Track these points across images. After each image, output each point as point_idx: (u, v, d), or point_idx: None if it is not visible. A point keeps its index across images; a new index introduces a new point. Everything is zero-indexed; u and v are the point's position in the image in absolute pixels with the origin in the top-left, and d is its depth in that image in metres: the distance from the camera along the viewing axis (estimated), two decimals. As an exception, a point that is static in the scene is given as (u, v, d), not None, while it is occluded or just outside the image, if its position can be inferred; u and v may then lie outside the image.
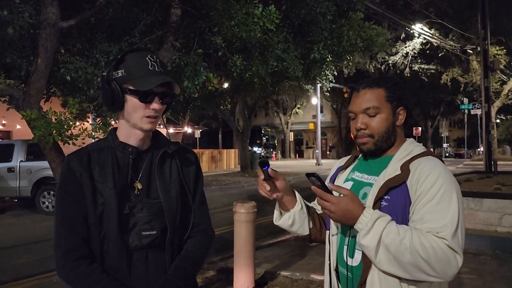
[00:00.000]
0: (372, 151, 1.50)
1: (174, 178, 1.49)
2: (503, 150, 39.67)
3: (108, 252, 1.37)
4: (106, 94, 1.41)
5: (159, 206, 1.43)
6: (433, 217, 1.28)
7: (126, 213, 1.38)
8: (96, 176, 1.39)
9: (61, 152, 2.99)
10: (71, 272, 1.34)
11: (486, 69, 13.78)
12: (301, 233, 1.59)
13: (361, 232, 1.29)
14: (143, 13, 3.33)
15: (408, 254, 1.23)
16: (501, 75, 21.88)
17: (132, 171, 1.43)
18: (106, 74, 1.40)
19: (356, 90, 1.50)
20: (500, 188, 7.42)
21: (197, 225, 1.54)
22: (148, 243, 1.41)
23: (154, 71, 1.40)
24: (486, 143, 13.49)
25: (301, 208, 1.56)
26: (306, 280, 4.80)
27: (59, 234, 1.37)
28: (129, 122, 1.43)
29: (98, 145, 1.47)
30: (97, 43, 3.08)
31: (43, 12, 2.60)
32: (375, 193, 1.37)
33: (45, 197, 10.54)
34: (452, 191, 1.32)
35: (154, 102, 1.40)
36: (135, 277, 1.39)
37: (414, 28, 18.80)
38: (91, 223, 1.36)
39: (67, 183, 1.39)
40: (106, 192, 1.37)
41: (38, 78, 2.67)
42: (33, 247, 7.09)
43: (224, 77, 4.59)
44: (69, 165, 1.40)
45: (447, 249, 1.24)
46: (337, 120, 39.71)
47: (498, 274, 4.99)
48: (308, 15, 3.63)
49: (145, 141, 1.48)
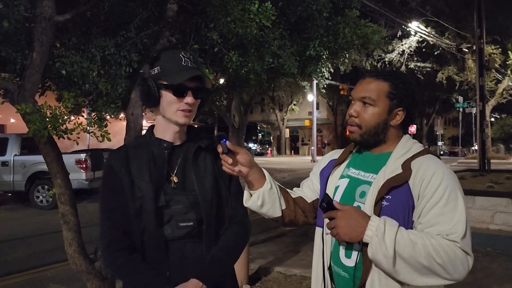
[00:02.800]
0: (357, 142, 1.47)
1: (209, 171, 1.54)
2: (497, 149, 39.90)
3: (147, 243, 1.44)
4: (143, 91, 1.48)
5: (194, 198, 1.48)
6: (442, 220, 1.26)
7: (163, 206, 1.45)
8: (134, 171, 1.46)
9: (55, 146, 2.99)
10: (112, 261, 1.44)
11: (481, 68, 13.86)
12: (272, 215, 1.52)
13: (373, 241, 1.24)
14: (140, 8, 3.32)
15: (423, 259, 1.21)
16: (496, 74, 22.00)
17: (168, 165, 1.50)
18: (142, 72, 1.48)
19: (363, 77, 1.48)
20: (492, 186, 7.50)
21: (233, 217, 1.58)
22: (185, 234, 1.46)
23: (187, 66, 1.47)
24: (480, 142, 13.59)
25: (270, 187, 1.49)
26: (300, 276, 4.83)
27: (102, 227, 1.46)
28: (164, 117, 1.50)
29: (136, 142, 1.58)
30: (93, 37, 3.07)
31: (38, 5, 2.59)
32: (375, 193, 1.33)
33: (39, 192, 10.50)
34: (457, 191, 1.31)
35: (188, 96, 1.46)
36: (173, 266, 1.45)
37: (411, 26, 18.84)
38: (131, 216, 1.44)
39: (108, 179, 1.48)
40: (143, 186, 1.44)
41: (33, 72, 2.66)
42: (27, 242, 7.09)
43: (220, 73, 4.59)
44: (110, 162, 1.49)
45: (459, 252, 1.23)
46: (333, 117, 39.81)
47: (489, 270, 5.06)
48: (304, 12, 3.64)
49: (180, 135, 1.55)
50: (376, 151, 1.46)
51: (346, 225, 1.27)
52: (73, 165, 9.91)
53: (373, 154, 1.47)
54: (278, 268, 5.08)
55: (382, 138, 1.44)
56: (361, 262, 1.33)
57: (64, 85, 3.13)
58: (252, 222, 1.72)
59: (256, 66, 3.56)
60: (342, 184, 1.47)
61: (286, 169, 21.13)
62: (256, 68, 3.58)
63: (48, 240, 6.96)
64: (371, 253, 1.26)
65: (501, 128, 42.56)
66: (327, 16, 3.74)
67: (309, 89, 23.14)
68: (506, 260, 5.46)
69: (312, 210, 1.60)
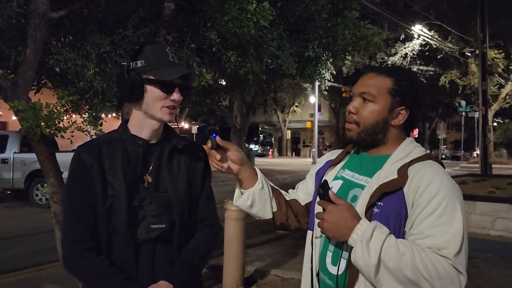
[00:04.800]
0: (354, 141, 1.38)
1: (183, 173, 1.49)
2: (499, 154, 39.72)
3: (115, 244, 1.38)
4: (125, 84, 1.40)
5: (167, 199, 1.44)
6: (435, 232, 1.16)
7: (135, 206, 1.39)
8: (107, 168, 1.39)
9: (49, 144, 2.96)
10: (77, 263, 1.35)
11: (484, 72, 13.79)
12: (263, 216, 1.46)
13: (356, 246, 1.16)
14: (137, 6, 3.29)
15: (409, 272, 1.12)
16: (499, 78, 21.92)
17: (142, 164, 1.44)
18: (125, 64, 1.40)
19: (365, 71, 1.38)
20: (494, 192, 7.43)
21: (203, 220, 1.54)
22: (156, 236, 1.41)
23: (174, 62, 1.43)
24: (482, 146, 13.50)
25: (262, 187, 1.43)
26: (297, 280, 4.78)
27: (67, 225, 1.38)
28: (146, 113, 1.43)
29: (108, 136, 1.48)
30: (89, 35, 3.04)
31: (32, 2, 2.57)
32: (367, 199, 1.24)
33: (38, 190, 10.46)
34: (455, 203, 1.19)
35: (175, 92, 1.42)
36: (142, 270, 1.39)
37: (414, 29, 18.79)
38: (99, 215, 1.36)
39: (77, 174, 1.39)
40: (116, 184, 1.37)
41: (27, 69, 2.63)
42: (25, 240, 7.05)
43: (219, 73, 4.56)
44: (79, 156, 1.40)
45: (450, 269, 1.13)
46: (335, 119, 39.74)
47: (489, 277, 4.99)
48: (304, 13, 3.60)
49: (157, 133, 1.48)
50: (374, 152, 1.37)
51: (332, 222, 1.19)
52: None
53: (370, 156, 1.38)
54: (275, 271, 5.02)
55: (381, 139, 1.34)
56: (347, 270, 1.25)
57: (59, 82, 3.11)
58: (251, 224, 1.68)
59: (254, 66, 3.54)
60: (335, 186, 1.39)
61: (287, 170, 21.08)
62: (255, 69, 3.55)
63: (46, 239, 6.91)
64: (353, 258, 1.18)
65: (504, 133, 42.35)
66: (326, 17, 3.71)
67: (311, 91, 23.10)
68: (507, 267, 5.39)
69: (306, 214, 1.53)
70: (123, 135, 1.46)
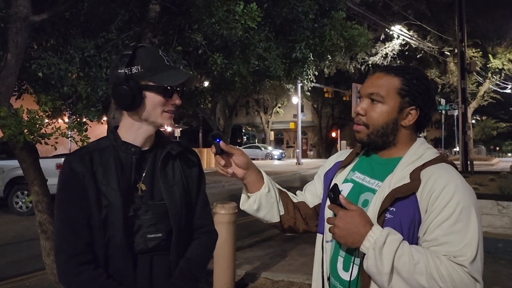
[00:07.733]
0: (364, 143, 1.34)
1: (177, 179, 1.45)
2: (478, 150, 40.62)
3: (112, 256, 1.32)
4: (124, 93, 1.33)
5: (163, 207, 1.39)
6: (450, 239, 1.13)
7: (131, 216, 1.34)
8: (100, 177, 1.33)
9: (33, 152, 2.86)
10: (74, 278, 1.28)
11: (463, 71, 14.06)
12: (270, 220, 1.43)
13: (369, 253, 1.14)
14: (121, 9, 3.22)
15: (424, 280, 1.09)
16: (477, 76, 22.41)
17: (135, 171, 1.39)
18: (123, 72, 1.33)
19: (373, 71, 1.34)
20: (477, 188, 7.55)
21: (200, 227, 1.51)
22: (154, 246, 1.36)
23: (171, 66, 1.40)
24: (463, 144, 13.75)
25: (268, 191, 1.40)
26: (287, 281, 4.76)
27: (61, 238, 1.31)
28: (146, 119, 1.38)
29: (99, 144, 1.41)
30: (72, 38, 2.96)
31: (13, 5, 2.48)
32: (378, 204, 1.21)
33: (18, 197, 10.21)
34: (470, 208, 1.15)
35: (175, 96, 1.39)
36: (140, 281, 1.35)
37: (394, 29, 19.05)
38: (94, 226, 1.31)
39: (69, 184, 1.32)
40: (111, 194, 1.32)
41: (8, 74, 2.54)
42: (5, 249, 6.86)
43: (205, 76, 4.51)
44: (70, 166, 1.33)
45: (466, 277, 1.10)
46: (317, 120, 40.00)
47: (476, 273, 5.05)
48: (290, 14, 3.58)
49: (150, 140, 1.44)
50: (385, 155, 1.33)
51: (344, 228, 1.17)
52: (54, 170, 9.66)
53: (381, 158, 1.34)
54: (265, 274, 4.99)
55: (391, 140, 1.30)
56: (359, 277, 1.22)
57: (42, 87, 3.01)
58: (238, 226, 1.64)
59: (241, 68, 3.50)
60: (345, 189, 1.35)
61: (271, 171, 21.10)
62: (242, 71, 3.52)
63: (27, 248, 6.75)
64: (366, 265, 1.16)
65: (482, 130, 43.34)
66: (313, 18, 3.70)
67: (293, 92, 23.20)
68: (493, 263, 5.47)
69: (314, 217, 1.49)
70: (115, 142, 1.40)
